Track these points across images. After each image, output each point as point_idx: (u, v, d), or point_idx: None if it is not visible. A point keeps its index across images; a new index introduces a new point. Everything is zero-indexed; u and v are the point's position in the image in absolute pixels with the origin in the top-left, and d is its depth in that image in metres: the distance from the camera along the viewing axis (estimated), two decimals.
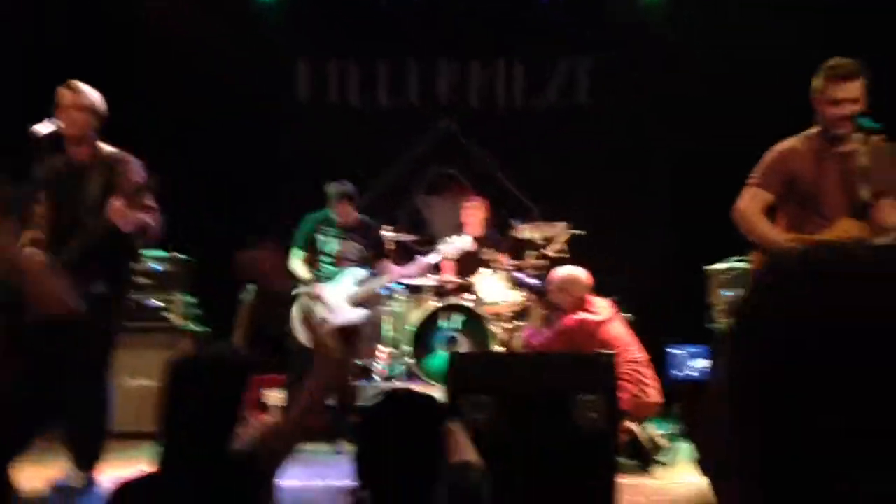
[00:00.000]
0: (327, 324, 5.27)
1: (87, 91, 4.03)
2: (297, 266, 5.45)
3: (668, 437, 4.82)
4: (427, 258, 5.69)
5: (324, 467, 4.68)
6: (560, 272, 5.09)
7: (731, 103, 6.57)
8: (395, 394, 1.91)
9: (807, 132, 3.65)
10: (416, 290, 6.41)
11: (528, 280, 5.81)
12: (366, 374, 6.25)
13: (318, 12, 7.43)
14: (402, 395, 1.90)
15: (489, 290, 5.98)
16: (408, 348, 5.99)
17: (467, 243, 5.82)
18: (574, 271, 5.02)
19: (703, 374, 6.06)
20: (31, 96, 4.36)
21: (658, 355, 5.66)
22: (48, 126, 3.88)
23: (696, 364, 6.12)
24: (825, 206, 3.57)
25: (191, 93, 6.88)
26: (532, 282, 5.78)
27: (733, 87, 6.59)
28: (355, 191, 5.64)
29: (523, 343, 5.51)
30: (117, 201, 3.81)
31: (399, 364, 6.22)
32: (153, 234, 4.05)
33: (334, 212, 5.53)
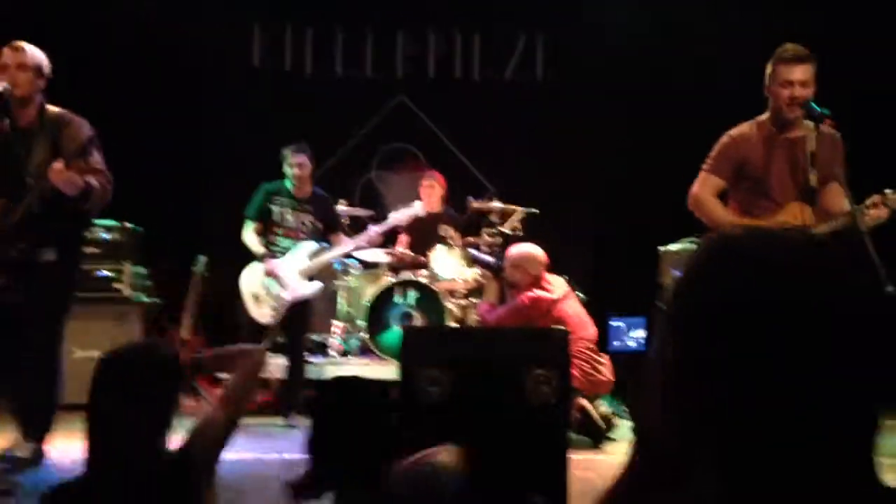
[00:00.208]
0: (281, 300, 5.23)
1: (30, 50, 3.87)
2: (250, 238, 5.36)
3: (618, 414, 4.91)
4: (377, 227, 5.61)
5: (277, 440, 4.68)
6: (516, 249, 5.09)
7: (688, 83, 6.66)
8: (345, 381, 1.90)
9: (758, 118, 3.74)
10: (371, 266, 6.39)
11: (483, 257, 5.83)
12: (321, 349, 6.25)
13: None
14: (352, 383, 1.90)
15: (445, 266, 6.00)
16: (363, 323, 5.99)
17: (417, 209, 5.76)
18: (530, 249, 5.03)
19: (641, 345, 6.17)
20: None
21: (604, 330, 5.76)
22: None
23: (635, 335, 6.22)
24: (774, 191, 3.66)
25: (144, 58, 6.72)
26: (487, 258, 5.81)
27: (690, 66, 6.67)
28: (312, 156, 5.52)
29: (478, 319, 5.55)
30: (58, 163, 3.64)
31: (354, 339, 6.23)
32: (99, 197, 3.83)
33: (291, 172, 5.38)
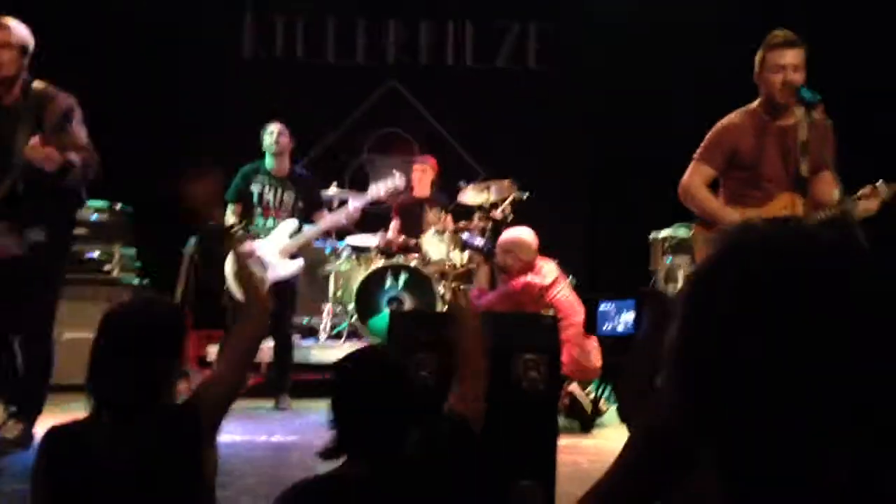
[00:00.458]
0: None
1: (15, 27, 3.74)
2: (229, 219, 5.31)
3: (607, 399, 4.93)
4: (356, 202, 5.52)
5: (267, 423, 4.69)
6: (509, 234, 5.09)
7: (680, 70, 6.66)
8: (364, 354, 1.92)
9: (748, 107, 3.71)
10: (362, 250, 6.39)
11: (474, 241, 5.83)
12: (311, 331, 6.24)
13: None
14: (371, 354, 1.92)
15: (435, 250, 6.00)
16: (353, 307, 6.00)
17: (398, 182, 5.69)
18: (523, 234, 5.02)
19: (629, 329, 6.18)
20: None
21: (593, 314, 5.75)
22: None
23: (622, 318, 6.24)
24: (765, 180, 3.63)
25: (137, 46, 6.72)
26: (478, 243, 5.80)
27: (682, 53, 6.66)
28: (290, 134, 5.46)
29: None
30: (34, 139, 3.52)
31: (344, 323, 6.23)
32: (80, 174, 3.69)
33: (269, 143, 5.29)
